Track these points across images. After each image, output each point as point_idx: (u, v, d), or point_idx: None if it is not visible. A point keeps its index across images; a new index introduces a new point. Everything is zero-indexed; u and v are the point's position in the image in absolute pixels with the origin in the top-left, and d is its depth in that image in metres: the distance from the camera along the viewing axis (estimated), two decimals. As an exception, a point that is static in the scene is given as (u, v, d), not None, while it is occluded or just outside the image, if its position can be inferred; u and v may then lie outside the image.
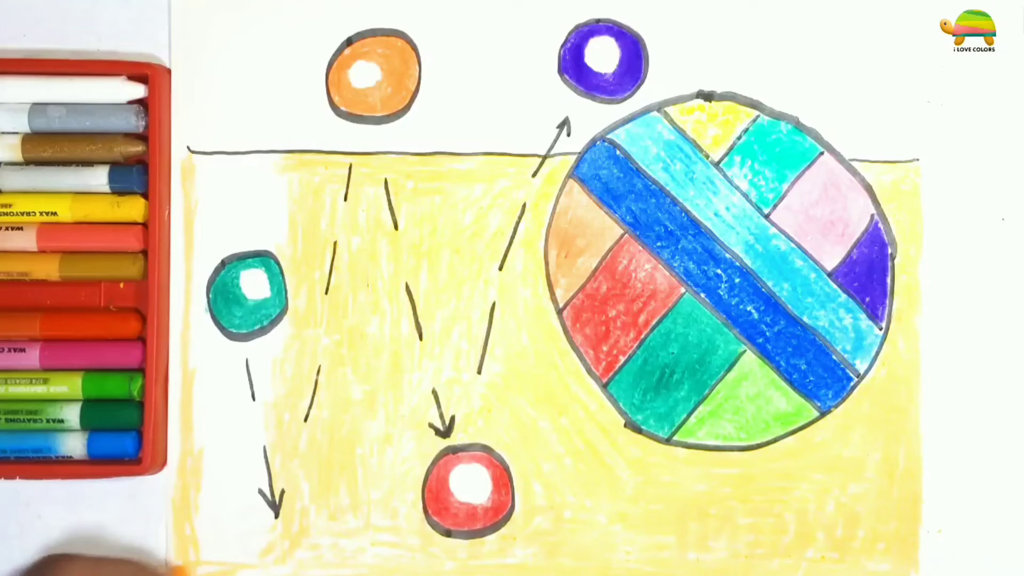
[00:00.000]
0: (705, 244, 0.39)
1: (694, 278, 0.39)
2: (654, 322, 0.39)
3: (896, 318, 0.39)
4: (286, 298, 0.39)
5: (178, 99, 0.39)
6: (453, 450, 0.38)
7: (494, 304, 0.39)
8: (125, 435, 0.37)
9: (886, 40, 0.39)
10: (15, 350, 0.37)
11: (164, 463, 0.38)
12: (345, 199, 0.39)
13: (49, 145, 0.37)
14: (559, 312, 0.39)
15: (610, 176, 0.39)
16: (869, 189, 0.39)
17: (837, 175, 0.39)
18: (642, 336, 0.39)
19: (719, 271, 0.39)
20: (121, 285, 0.38)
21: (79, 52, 0.39)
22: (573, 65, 0.39)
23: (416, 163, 0.39)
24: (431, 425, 0.38)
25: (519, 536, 0.38)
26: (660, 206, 0.39)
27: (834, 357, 0.39)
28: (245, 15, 0.39)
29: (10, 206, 0.37)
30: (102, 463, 0.37)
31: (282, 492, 0.38)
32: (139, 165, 0.38)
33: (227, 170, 0.39)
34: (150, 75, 0.38)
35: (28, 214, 0.37)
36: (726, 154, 0.39)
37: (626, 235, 0.39)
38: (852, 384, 0.39)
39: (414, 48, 0.39)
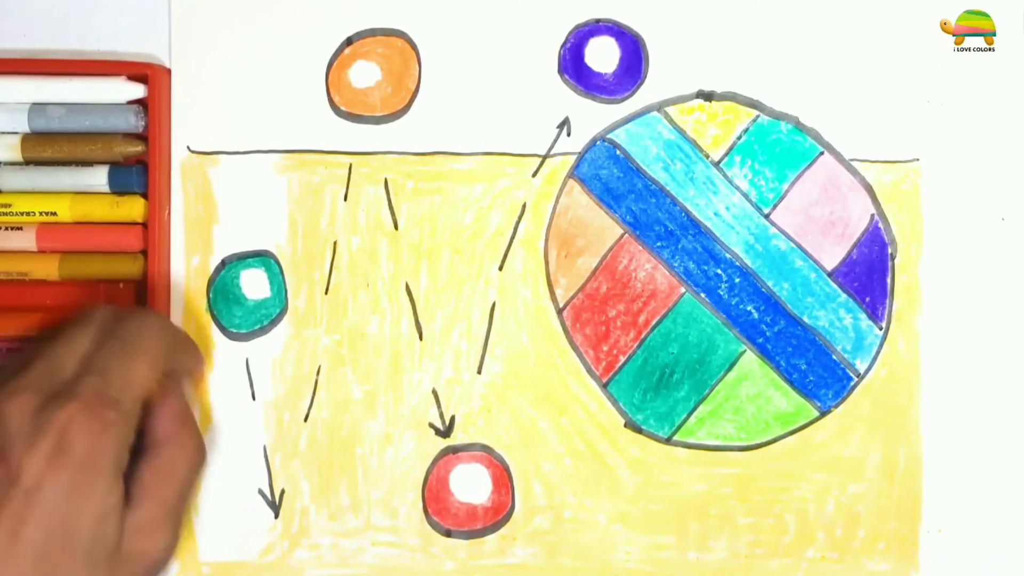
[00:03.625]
0: (705, 244, 0.39)
1: (694, 278, 0.39)
2: (654, 322, 0.39)
3: (896, 318, 0.39)
4: (286, 298, 0.39)
5: (178, 99, 0.39)
6: (453, 450, 0.38)
7: (494, 304, 0.39)
8: (125, 435, 0.37)
9: (886, 40, 0.39)
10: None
11: (164, 463, 0.38)
12: (345, 199, 0.39)
13: (49, 145, 0.37)
14: (559, 312, 0.39)
15: (610, 176, 0.39)
16: (869, 189, 0.39)
17: (837, 175, 0.39)
18: (642, 336, 0.39)
19: (719, 271, 0.39)
20: (121, 285, 0.38)
21: (79, 52, 0.39)
22: (573, 65, 0.39)
23: (416, 163, 0.39)
24: (431, 425, 0.38)
25: (519, 536, 0.38)
26: (660, 206, 0.39)
27: (834, 357, 0.39)
28: (245, 15, 0.39)
29: (10, 206, 0.37)
30: (102, 463, 0.37)
31: (282, 492, 0.38)
32: (139, 165, 0.38)
33: (227, 170, 0.39)
34: (150, 75, 0.38)
35: (28, 214, 0.37)
36: (726, 154, 0.39)
37: (626, 235, 0.39)
38: (852, 384, 0.39)
39: (414, 48, 0.39)
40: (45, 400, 0.30)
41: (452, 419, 0.38)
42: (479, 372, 0.39)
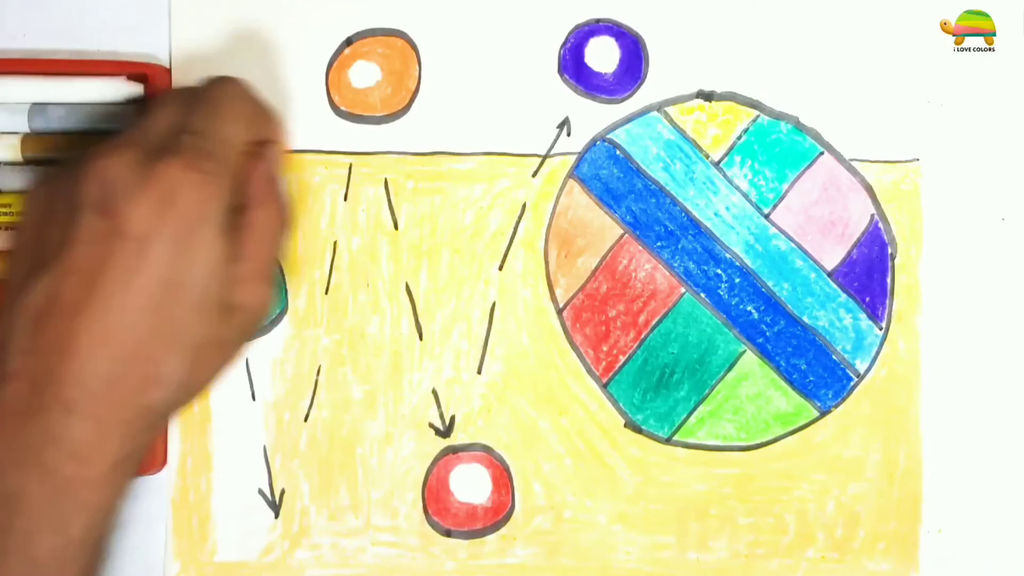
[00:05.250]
0: (705, 244, 0.39)
1: (694, 278, 0.39)
2: (654, 322, 0.39)
3: (896, 318, 0.39)
4: (286, 298, 0.39)
5: (178, 99, 0.39)
6: (453, 450, 0.38)
7: (494, 304, 0.39)
8: (125, 435, 0.37)
9: (886, 40, 0.39)
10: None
11: (164, 463, 0.38)
12: (345, 199, 0.39)
13: (49, 145, 0.37)
14: (559, 312, 0.39)
15: (610, 176, 0.39)
16: (869, 189, 0.39)
17: (837, 175, 0.39)
18: (642, 336, 0.39)
19: (719, 271, 0.39)
20: (121, 285, 0.38)
21: (79, 52, 0.39)
22: (573, 65, 0.39)
23: (416, 163, 0.39)
24: (431, 425, 0.38)
25: (519, 536, 0.38)
26: (660, 206, 0.39)
27: (834, 357, 0.39)
28: (245, 15, 0.39)
29: (10, 206, 0.37)
30: (102, 463, 0.37)
31: (282, 492, 0.38)
32: (139, 165, 0.38)
33: (227, 170, 0.39)
34: (150, 75, 0.38)
35: (28, 214, 0.37)
36: (726, 154, 0.39)
37: (626, 235, 0.39)
38: (852, 384, 0.39)
39: (414, 48, 0.39)
40: (146, 155, 0.30)
41: (452, 419, 0.38)
42: (479, 372, 0.39)
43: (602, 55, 0.39)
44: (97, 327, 0.29)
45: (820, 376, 0.39)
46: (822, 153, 0.39)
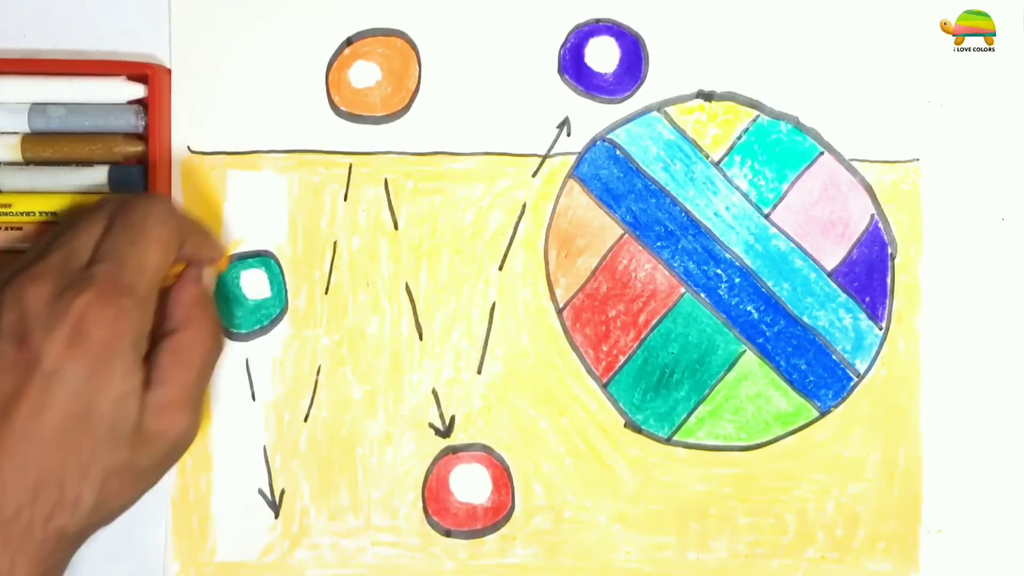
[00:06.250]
0: (705, 244, 0.39)
1: (694, 278, 0.39)
2: (654, 322, 0.39)
3: (896, 318, 0.39)
4: (286, 298, 0.39)
5: (178, 99, 0.39)
6: (453, 450, 0.38)
7: (494, 304, 0.39)
8: (125, 435, 0.37)
9: (886, 40, 0.39)
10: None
11: (164, 463, 0.38)
12: (345, 199, 0.39)
13: (49, 145, 0.37)
14: (559, 312, 0.39)
15: (610, 176, 0.39)
16: (869, 189, 0.39)
17: (837, 175, 0.39)
18: (642, 336, 0.39)
19: (719, 271, 0.39)
20: (121, 285, 0.38)
21: (79, 52, 0.39)
22: (573, 65, 0.39)
23: (416, 163, 0.39)
24: (431, 425, 0.38)
25: (519, 536, 0.38)
26: (660, 206, 0.39)
27: (834, 357, 0.39)
28: (245, 15, 0.39)
29: (10, 206, 0.37)
30: (102, 463, 0.37)
31: (282, 492, 0.38)
32: (139, 165, 0.38)
33: (227, 169, 0.39)
34: (150, 75, 0.38)
35: (28, 214, 0.37)
36: (726, 154, 0.39)
37: (626, 235, 0.39)
38: (852, 384, 0.39)
39: (414, 48, 0.39)
40: (62, 288, 0.31)
41: (452, 419, 0.38)
42: (479, 372, 0.39)
43: (602, 55, 0.39)
44: (7, 455, 0.29)
45: (820, 376, 0.39)
46: (822, 153, 0.39)
